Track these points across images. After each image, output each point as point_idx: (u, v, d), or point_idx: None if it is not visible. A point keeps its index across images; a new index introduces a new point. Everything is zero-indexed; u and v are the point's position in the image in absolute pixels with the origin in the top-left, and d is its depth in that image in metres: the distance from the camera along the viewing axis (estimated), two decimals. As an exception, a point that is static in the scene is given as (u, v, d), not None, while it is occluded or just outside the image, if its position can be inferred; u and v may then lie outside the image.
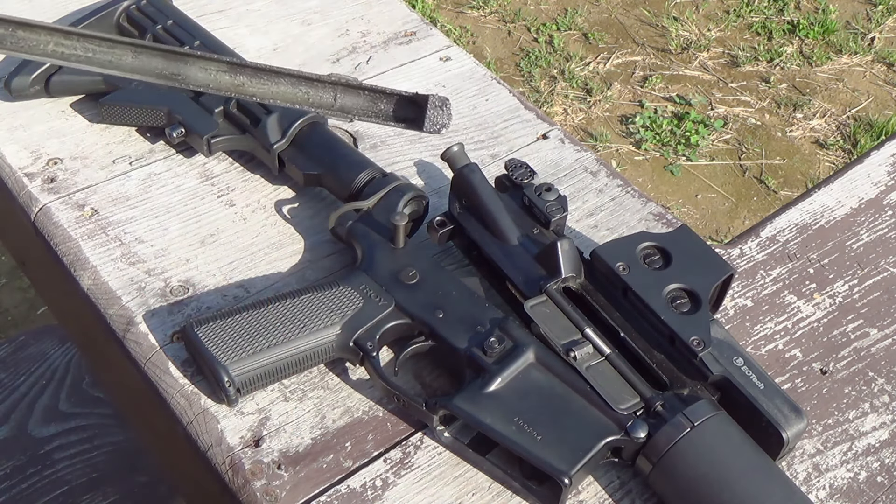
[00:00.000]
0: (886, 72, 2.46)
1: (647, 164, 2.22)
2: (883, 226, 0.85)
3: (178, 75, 0.31)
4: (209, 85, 0.32)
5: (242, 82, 0.34)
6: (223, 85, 0.34)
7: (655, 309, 0.65)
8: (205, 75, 0.34)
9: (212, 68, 0.34)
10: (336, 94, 0.35)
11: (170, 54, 0.33)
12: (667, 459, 0.61)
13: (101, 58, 0.33)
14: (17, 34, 0.33)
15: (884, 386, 0.73)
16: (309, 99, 0.34)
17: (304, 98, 0.34)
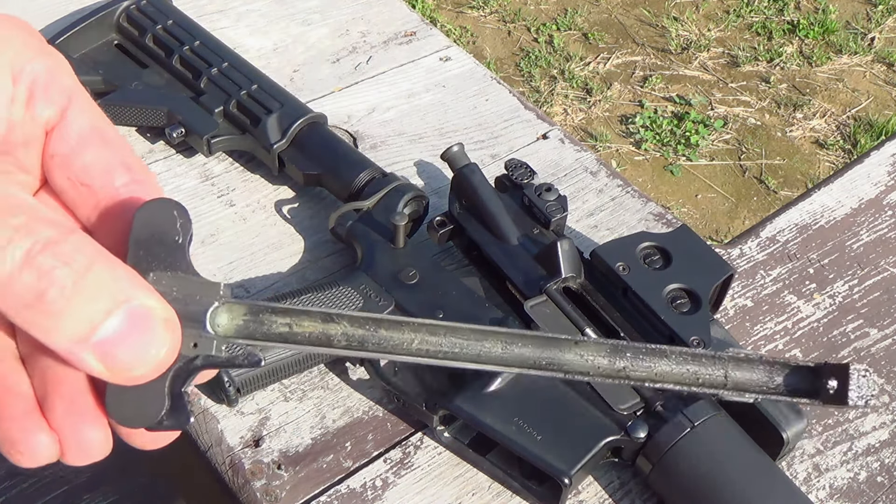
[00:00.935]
0: (886, 72, 2.46)
1: (647, 164, 2.22)
2: (883, 226, 0.85)
3: (553, 364, 0.30)
4: (588, 373, 0.31)
5: (623, 367, 0.32)
6: (603, 371, 0.32)
7: (655, 309, 0.65)
8: (581, 361, 0.32)
9: (589, 354, 0.32)
10: (727, 370, 0.32)
11: (542, 341, 0.31)
12: (667, 459, 0.61)
13: (469, 352, 0.32)
14: (380, 334, 0.31)
15: (884, 386, 0.73)
16: (698, 380, 0.32)
17: (693, 379, 0.32)
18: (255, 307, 0.31)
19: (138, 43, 0.86)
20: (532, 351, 0.31)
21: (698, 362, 0.31)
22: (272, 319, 0.31)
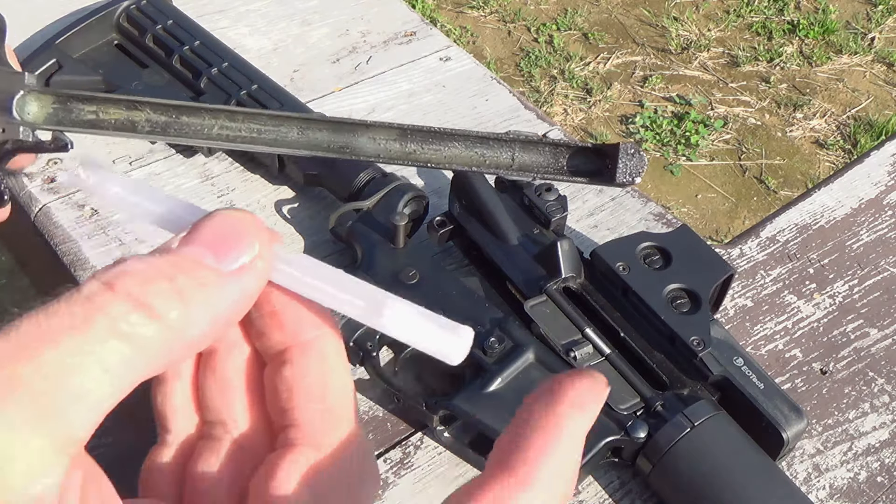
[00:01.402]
0: (886, 72, 2.46)
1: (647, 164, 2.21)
2: (883, 226, 0.85)
3: (346, 147, 0.31)
4: (379, 155, 0.31)
5: (413, 150, 0.32)
6: (394, 154, 0.32)
7: (655, 309, 0.65)
8: (374, 145, 0.32)
9: (381, 137, 0.32)
10: (514, 152, 0.33)
11: (337, 125, 0.32)
12: (667, 459, 0.61)
13: (267, 136, 0.33)
14: (182, 120, 0.32)
15: (884, 386, 0.73)
16: (485, 161, 0.32)
17: (480, 160, 0.32)
18: (62, 95, 0.32)
19: (138, 43, 0.86)
20: (327, 135, 0.31)
21: (486, 145, 0.32)
22: (80, 107, 0.31)
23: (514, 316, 0.68)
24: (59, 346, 0.23)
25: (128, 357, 0.24)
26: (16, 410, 0.22)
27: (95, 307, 0.24)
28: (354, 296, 0.28)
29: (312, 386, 0.29)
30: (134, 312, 0.24)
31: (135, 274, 0.25)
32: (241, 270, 0.27)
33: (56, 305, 0.24)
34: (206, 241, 0.27)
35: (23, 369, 0.22)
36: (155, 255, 0.26)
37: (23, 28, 0.93)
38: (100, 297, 0.24)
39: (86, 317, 0.23)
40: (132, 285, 0.24)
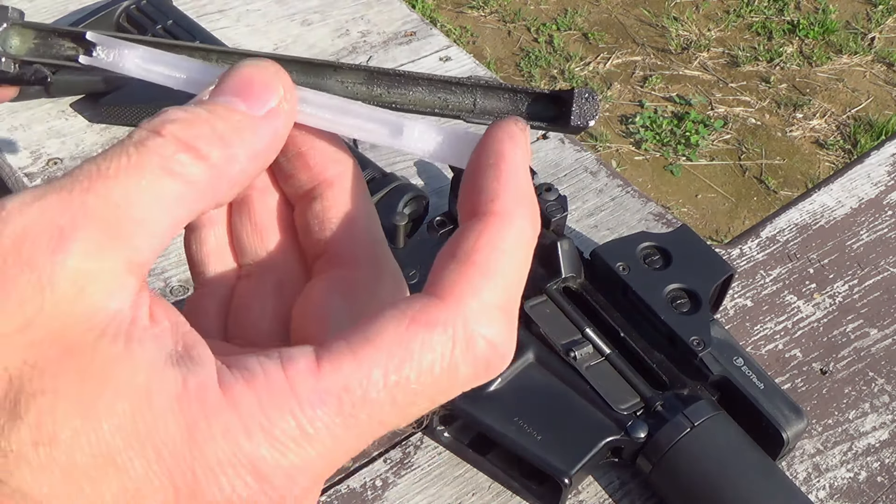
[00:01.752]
0: (886, 72, 2.46)
1: (647, 164, 2.22)
2: (883, 226, 0.85)
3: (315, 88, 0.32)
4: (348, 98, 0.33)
5: (380, 93, 0.34)
6: (361, 97, 0.34)
7: (655, 309, 0.65)
8: (342, 87, 0.34)
9: (349, 80, 0.34)
10: (476, 97, 0.35)
11: (306, 66, 0.33)
12: (667, 459, 0.61)
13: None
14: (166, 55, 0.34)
15: (884, 386, 0.73)
16: (448, 105, 0.34)
17: (444, 104, 0.34)
18: (43, 30, 0.33)
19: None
20: (296, 77, 0.33)
21: (449, 90, 0.33)
22: (60, 42, 0.33)
23: (514, 316, 0.68)
24: (119, 182, 0.25)
25: (180, 193, 0.26)
26: (90, 236, 0.24)
27: (147, 150, 0.26)
28: (374, 122, 0.31)
29: (342, 215, 0.32)
30: (181, 153, 0.26)
31: (178, 120, 0.27)
32: (270, 114, 0.29)
33: (110, 150, 0.26)
34: (234, 90, 0.29)
35: (91, 199, 0.24)
36: (192, 106, 0.28)
37: (23, 28, 0.93)
38: (150, 142, 0.26)
39: (139, 158, 0.26)
40: (177, 130, 0.26)
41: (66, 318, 0.24)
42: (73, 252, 0.24)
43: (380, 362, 0.25)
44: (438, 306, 0.26)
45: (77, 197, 0.24)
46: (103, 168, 0.25)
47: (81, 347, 0.23)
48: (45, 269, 0.23)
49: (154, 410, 0.23)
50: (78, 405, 0.23)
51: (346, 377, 0.25)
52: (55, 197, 0.24)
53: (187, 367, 0.24)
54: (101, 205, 0.24)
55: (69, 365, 0.23)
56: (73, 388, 0.23)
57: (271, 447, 0.24)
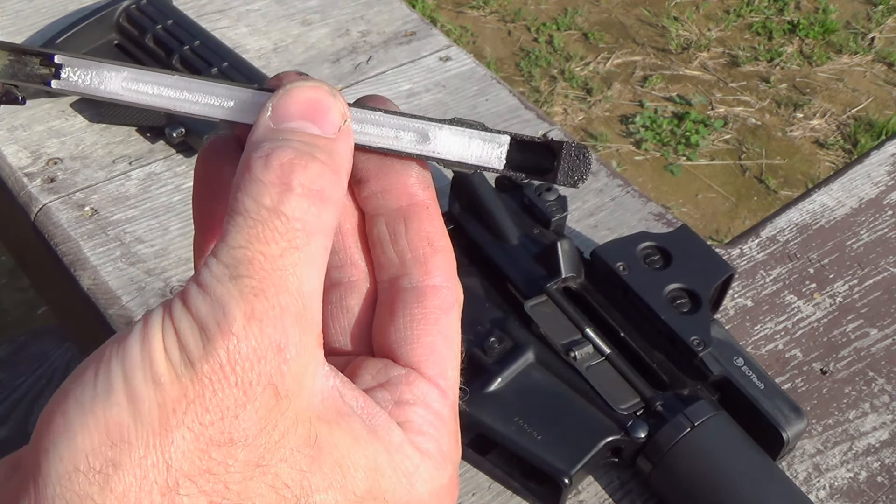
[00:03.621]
0: (886, 72, 2.46)
1: (647, 164, 2.22)
2: (883, 226, 0.85)
3: None
4: None
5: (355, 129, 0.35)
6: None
7: (655, 309, 0.65)
8: None
9: None
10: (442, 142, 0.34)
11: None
12: (667, 459, 0.61)
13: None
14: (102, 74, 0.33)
15: (884, 386, 0.73)
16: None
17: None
18: (17, 50, 0.32)
19: (138, 43, 0.86)
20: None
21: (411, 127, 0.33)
22: (33, 61, 0.32)
23: (514, 316, 0.68)
24: (289, 268, 0.27)
25: (326, 246, 0.28)
26: (295, 336, 0.27)
27: (289, 219, 0.27)
28: (398, 129, 0.31)
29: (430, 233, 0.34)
30: (314, 207, 0.28)
31: (294, 164, 0.28)
32: (342, 133, 0.30)
33: (254, 227, 0.27)
34: (301, 114, 0.29)
35: (283, 300, 0.27)
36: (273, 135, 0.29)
37: (23, 28, 0.93)
38: (286, 206, 0.27)
39: (286, 232, 0.27)
40: (301, 177, 0.28)
41: (303, 418, 0.27)
42: (291, 359, 0.27)
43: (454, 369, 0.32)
44: None
45: (276, 305, 0.27)
46: (270, 258, 0.27)
47: (324, 442, 0.27)
48: (279, 382, 0.26)
49: (384, 479, 0.29)
50: (345, 491, 0.28)
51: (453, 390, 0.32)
52: (264, 314, 0.26)
53: (385, 434, 0.29)
54: (292, 302, 0.27)
55: (326, 461, 0.27)
56: (338, 479, 0.27)
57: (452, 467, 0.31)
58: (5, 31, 0.92)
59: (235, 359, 0.26)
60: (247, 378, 0.26)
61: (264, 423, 0.26)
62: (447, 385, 0.31)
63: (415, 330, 0.32)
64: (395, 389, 0.31)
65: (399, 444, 0.29)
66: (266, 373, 0.26)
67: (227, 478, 0.26)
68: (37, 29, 0.92)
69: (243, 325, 0.26)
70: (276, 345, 0.26)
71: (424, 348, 0.32)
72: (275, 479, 0.26)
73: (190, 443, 0.25)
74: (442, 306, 0.32)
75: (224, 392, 0.26)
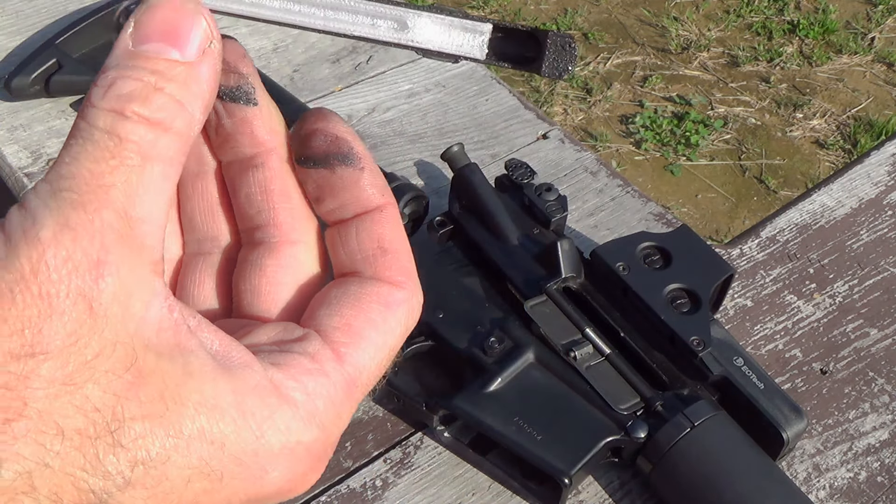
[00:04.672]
0: (886, 72, 2.46)
1: (647, 164, 2.22)
2: (883, 226, 0.85)
3: None
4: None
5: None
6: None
7: (655, 309, 0.65)
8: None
9: None
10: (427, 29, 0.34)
11: None
12: (667, 459, 0.61)
13: None
14: None
15: (884, 386, 0.73)
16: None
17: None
18: None
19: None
20: None
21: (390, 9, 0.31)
22: None
23: (514, 316, 0.68)
24: (117, 188, 0.26)
25: (162, 174, 0.27)
26: (118, 257, 0.25)
27: (123, 141, 0.26)
28: (374, 17, 0.30)
29: (284, 186, 0.32)
30: (151, 133, 0.26)
31: (134, 95, 0.26)
32: (205, 56, 0.28)
33: (90, 147, 0.26)
34: (159, 35, 0.28)
35: (107, 217, 0.25)
36: (130, 65, 0.27)
37: (23, 28, 0.93)
38: (121, 129, 0.26)
39: (120, 151, 0.26)
40: (139, 107, 0.26)
41: (124, 341, 0.25)
42: (110, 276, 0.25)
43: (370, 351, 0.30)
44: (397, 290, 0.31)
45: (96, 219, 0.25)
46: (97, 174, 0.26)
47: (149, 370, 0.26)
48: (95, 298, 0.25)
49: (224, 420, 0.27)
50: (165, 425, 0.26)
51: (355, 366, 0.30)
52: (80, 225, 0.25)
53: (238, 372, 0.27)
54: (116, 219, 0.25)
55: (146, 390, 0.25)
56: (158, 411, 0.26)
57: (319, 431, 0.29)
58: (5, 31, 0.92)
59: (39, 268, 0.24)
60: (53, 289, 0.24)
61: (74, 339, 0.24)
62: (352, 360, 0.30)
63: (344, 310, 0.30)
64: (285, 344, 0.29)
65: (254, 385, 0.27)
66: (77, 286, 0.24)
67: (26, 394, 0.24)
68: (37, 29, 0.92)
69: (53, 233, 0.24)
70: (92, 259, 0.25)
71: (339, 317, 0.30)
72: (84, 400, 0.24)
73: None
74: (384, 299, 0.31)
75: (25, 302, 0.24)
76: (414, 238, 0.75)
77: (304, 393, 0.28)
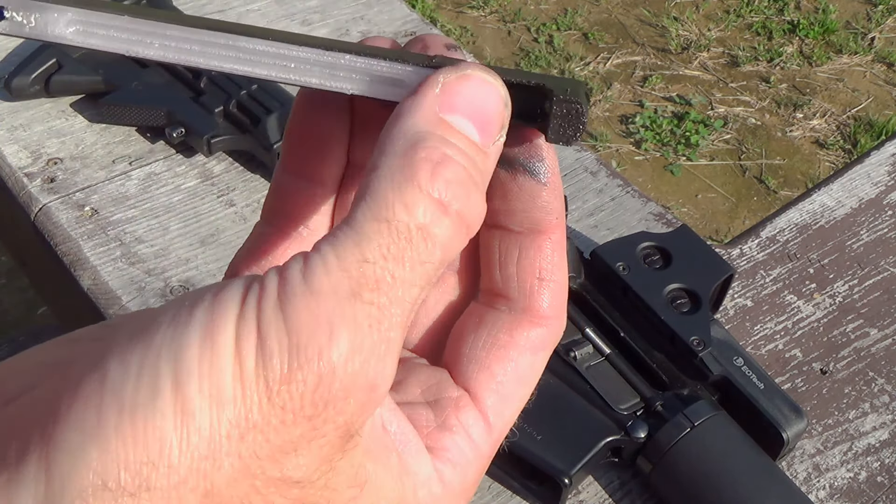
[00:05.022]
0: (886, 72, 2.46)
1: (647, 164, 2.22)
2: (883, 226, 0.85)
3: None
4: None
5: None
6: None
7: (655, 309, 0.65)
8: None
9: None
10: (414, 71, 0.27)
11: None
12: (667, 459, 0.61)
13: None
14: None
15: (884, 386, 0.73)
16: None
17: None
18: None
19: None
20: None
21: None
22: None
23: (514, 316, 0.68)
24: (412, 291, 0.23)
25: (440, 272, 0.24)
26: (392, 371, 0.23)
27: (435, 240, 0.23)
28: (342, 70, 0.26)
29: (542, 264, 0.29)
30: (459, 235, 0.24)
31: (459, 186, 0.24)
32: (496, 150, 0.25)
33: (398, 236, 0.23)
34: (469, 113, 0.25)
35: (395, 334, 0.23)
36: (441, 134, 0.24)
37: (23, 28, 0.93)
38: (439, 226, 0.23)
39: (429, 253, 0.23)
40: (460, 205, 0.24)
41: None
42: (376, 399, 0.23)
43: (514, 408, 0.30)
44: None
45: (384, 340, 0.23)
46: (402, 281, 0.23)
47: (370, 481, 0.25)
48: (356, 422, 0.23)
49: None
50: None
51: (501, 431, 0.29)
52: (371, 352, 0.23)
53: (412, 475, 0.26)
54: (399, 338, 0.23)
55: (364, 501, 0.25)
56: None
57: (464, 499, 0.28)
58: (5, 31, 0.92)
59: (321, 393, 0.22)
60: (325, 415, 0.22)
61: (324, 464, 0.23)
62: (498, 422, 0.29)
63: (490, 355, 0.28)
64: (443, 412, 0.28)
65: (426, 479, 0.26)
66: (347, 412, 0.22)
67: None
68: (37, 29, 0.92)
69: (346, 357, 0.22)
70: (369, 384, 0.22)
71: (490, 378, 0.28)
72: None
73: (238, 471, 0.21)
74: (531, 344, 0.29)
75: (295, 424, 0.22)
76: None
77: (461, 476, 0.27)
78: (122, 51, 0.25)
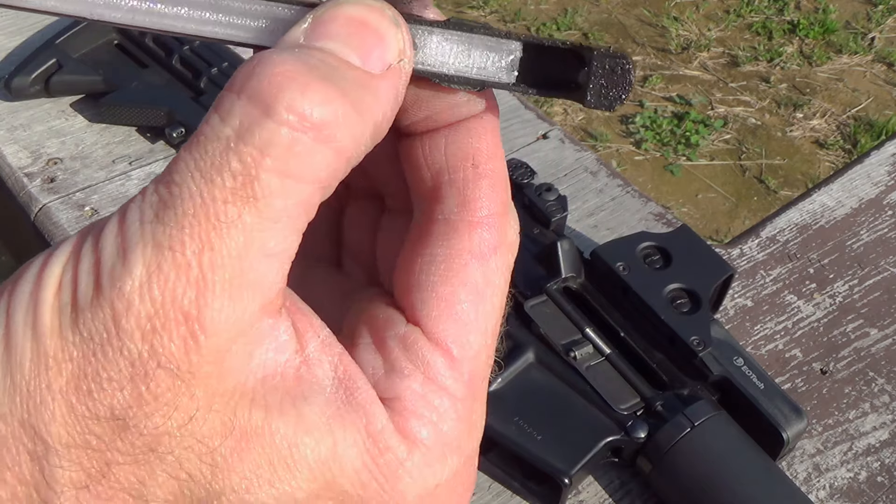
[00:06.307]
0: (886, 72, 2.46)
1: (647, 164, 2.22)
2: (883, 226, 0.85)
3: None
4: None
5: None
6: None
7: (655, 309, 0.65)
8: None
9: None
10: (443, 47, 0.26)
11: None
12: (667, 459, 0.61)
13: None
14: None
15: (884, 386, 0.73)
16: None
17: None
18: None
19: (138, 43, 0.86)
20: None
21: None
22: None
23: (514, 316, 0.68)
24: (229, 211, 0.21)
25: (306, 198, 0.22)
26: (219, 301, 0.21)
27: (255, 150, 0.21)
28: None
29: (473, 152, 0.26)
30: (306, 142, 0.21)
31: (295, 82, 0.21)
32: (391, 73, 0.23)
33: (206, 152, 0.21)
34: (343, 35, 0.22)
35: (209, 258, 0.21)
36: (296, 56, 0.22)
37: (23, 28, 0.93)
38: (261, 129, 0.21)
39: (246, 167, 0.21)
40: (299, 104, 0.21)
41: (221, 404, 0.22)
42: (199, 333, 0.21)
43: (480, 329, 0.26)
44: None
45: (193, 264, 0.21)
46: (212, 200, 0.21)
47: (254, 432, 0.22)
48: (183, 360, 0.21)
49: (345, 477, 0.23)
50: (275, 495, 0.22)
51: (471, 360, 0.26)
52: (174, 275, 0.21)
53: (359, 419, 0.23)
54: (221, 263, 0.21)
55: (251, 457, 0.22)
56: (265, 478, 0.22)
57: (456, 458, 0.26)
58: (5, 31, 0.92)
59: (122, 323, 0.21)
60: (135, 348, 0.21)
61: (158, 404, 0.21)
62: (463, 353, 0.25)
63: (431, 276, 0.25)
64: (391, 353, 0.25)
65: (378, 431, 0.23)
66: (162, 346, 0.21)
67: (108, 456, 0.21)
68: (37, 29, 0.92)
69: (141, 282, 0.21)
70: (181, 313, 0.21)
71: (439, 301, 0.25)
72: (176, 468, 0.21)
73: (64, 409, 0.21)
74: (475, 248, 0.25)
75: (107, 358, 0.21)
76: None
77: (431, 427, 0.24)
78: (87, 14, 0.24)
